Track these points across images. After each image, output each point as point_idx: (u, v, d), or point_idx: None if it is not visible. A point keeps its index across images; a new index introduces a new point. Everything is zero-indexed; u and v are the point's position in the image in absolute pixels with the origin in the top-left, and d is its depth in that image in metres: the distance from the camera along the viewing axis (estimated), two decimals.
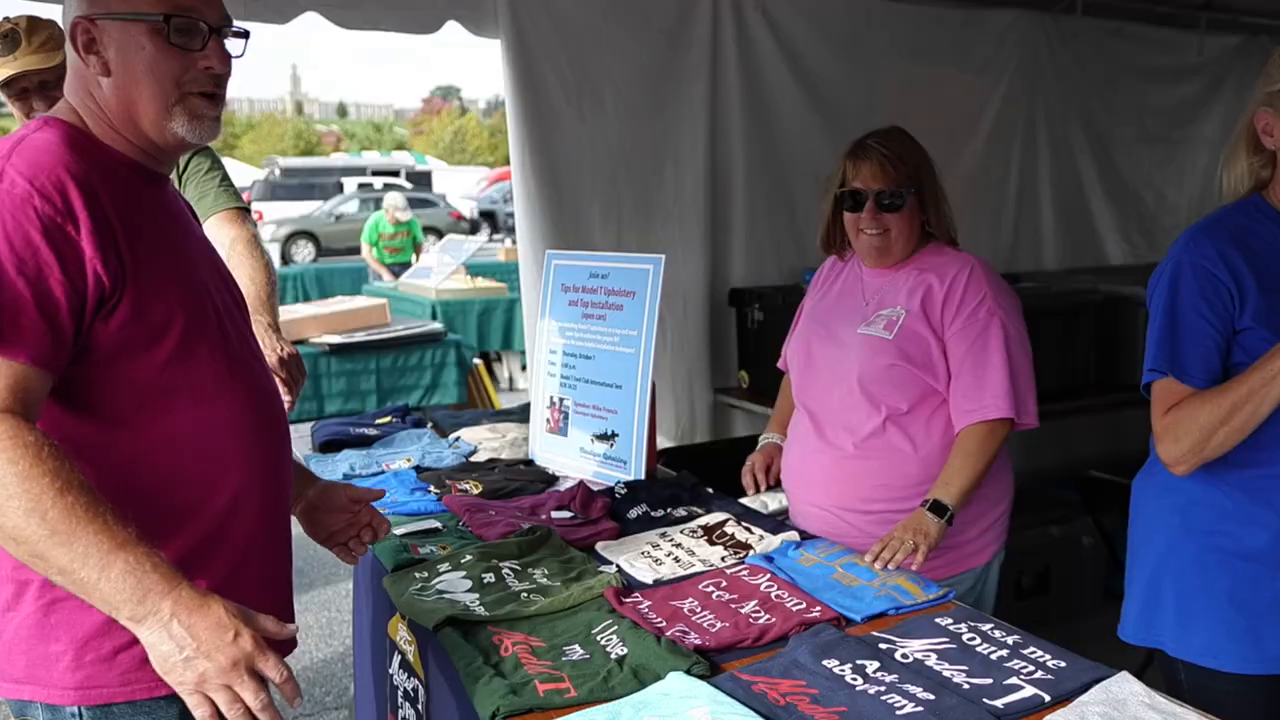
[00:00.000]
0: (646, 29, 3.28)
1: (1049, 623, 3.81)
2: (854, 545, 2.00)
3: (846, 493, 2.12)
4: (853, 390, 2.09)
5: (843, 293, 2.23)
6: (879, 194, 2.07)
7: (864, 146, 2.10)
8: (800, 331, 2.30)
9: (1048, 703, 1.33)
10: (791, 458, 2.26)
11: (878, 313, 2.12)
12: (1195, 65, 4.90)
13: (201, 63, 1.37)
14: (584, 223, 3.26)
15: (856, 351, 2.10)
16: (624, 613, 1.60)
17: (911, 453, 2.08)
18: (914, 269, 2.13)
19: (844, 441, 2.12)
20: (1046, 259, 4.67)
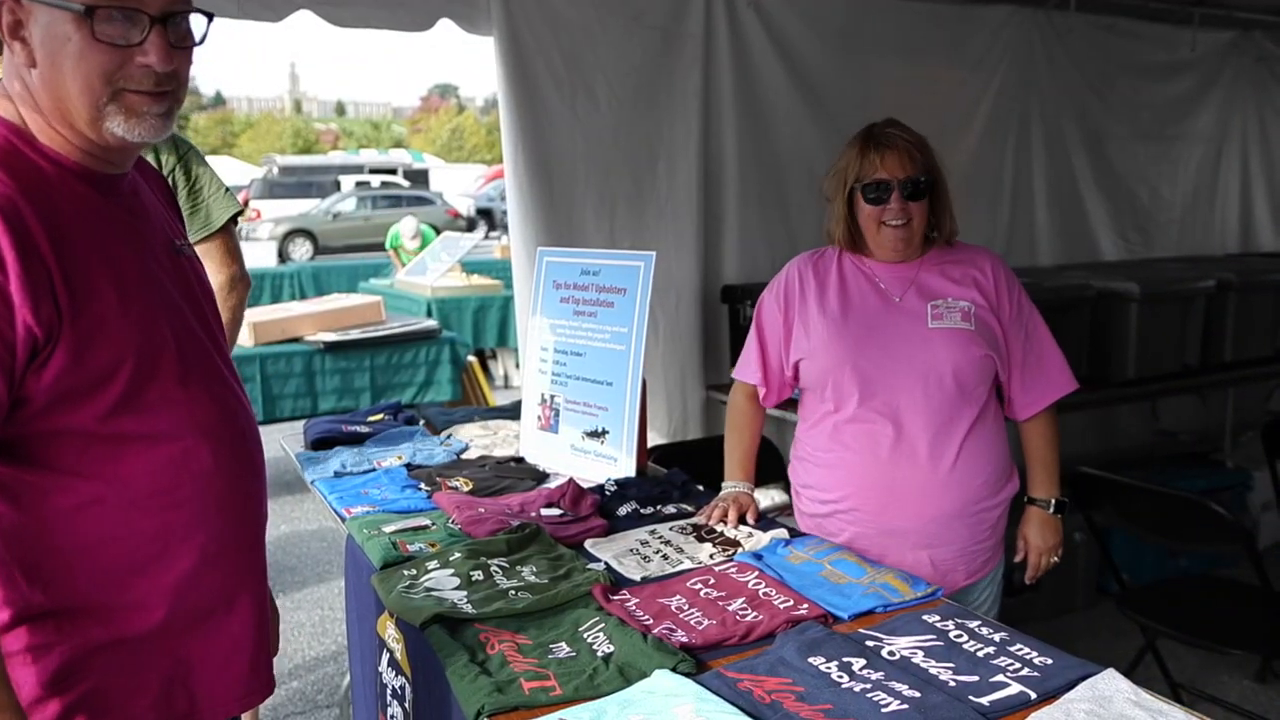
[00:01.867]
0: (639, 25, 3.27)
1: (1041, 619, 3.82)
2: (952, 553, 2.03)
3: (952, 498, 2.02)
4: (945, 387, 1.99)
5: (862, 292, 2.09)
6: (905, 182, 2.00)
7: (885, 135, 2.03)
8: (826, 340, 2.06)
9: (1034, 700, 1.33)
10: (861, 478, 2.04)
11: (936, 305, 2.04)
12: (1189, 61, 4.90)
13: (139, 59, 1.21)
14: (577, 219, 3.25)
15: (944, 348, 2.00)
16: (611, 610, 1.60)
17: (1000, 440, 2.10)
18: (935, 263, 2.09)
19: (943, 444, 1.99)
20: (1041, 255, 4.66)
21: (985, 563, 2.12)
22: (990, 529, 2.09)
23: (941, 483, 2.01)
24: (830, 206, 2.11)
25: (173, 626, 1.31)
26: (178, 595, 1.31)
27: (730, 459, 2.22)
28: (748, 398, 2.24)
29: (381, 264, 10.29)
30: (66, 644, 1.24)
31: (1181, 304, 3.89)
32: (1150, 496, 2.61)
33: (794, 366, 2.14)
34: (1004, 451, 2.10)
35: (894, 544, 2.02)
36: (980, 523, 2.06)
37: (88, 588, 1.25)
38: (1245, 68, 5.16)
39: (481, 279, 8.03)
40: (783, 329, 2.14)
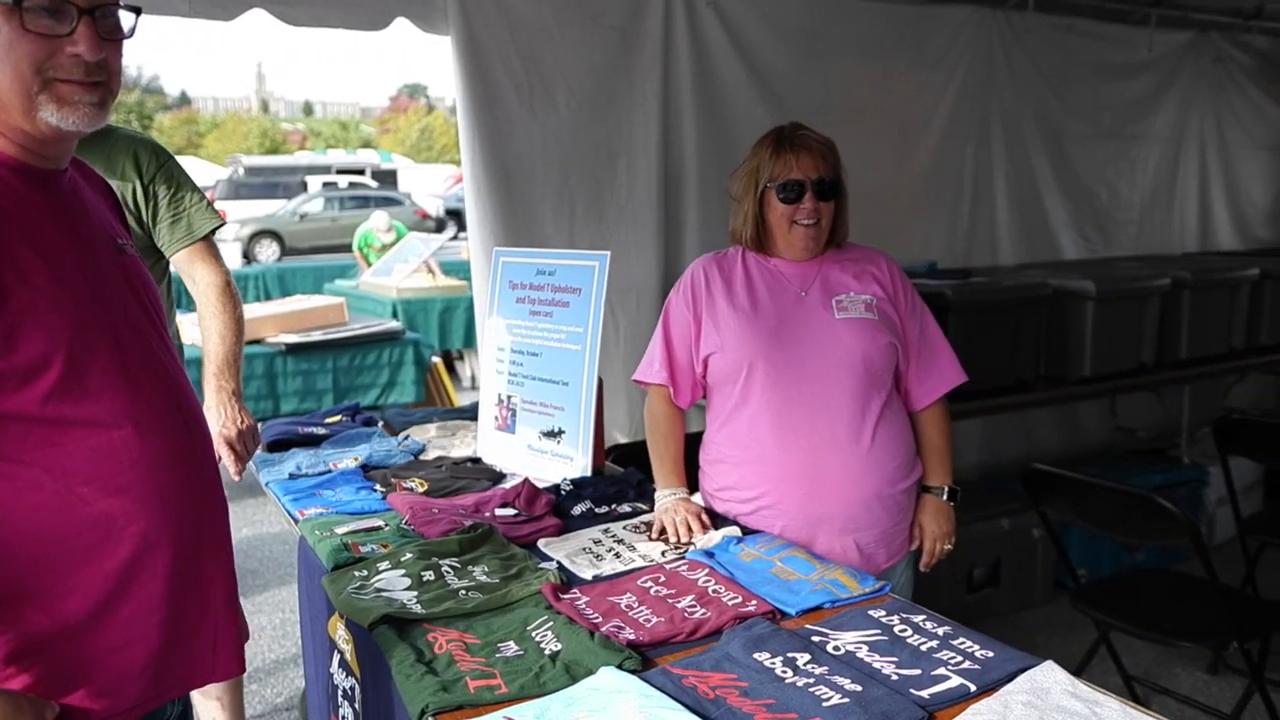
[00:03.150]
0: (597, 25, 3.27)
1: (1000, 614, 3.87)
2: (875, 536, 2.10)
3: (873, 480, 2.08)
4: (856, 374, 2.06)
5: (769, 287, 2.14)
6: (817, 183, 2.07)
7: (798, 137, 2.10)
8: (738, 333, 2.10)
9: (974, 692, 1.35)
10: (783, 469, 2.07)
11: (840, 299, 2.10)
12: (1147, 61, 4.95)
13: (69, 49, 1.24)
14: (536, 220, 3.25)
15: (852, 337, 2.06)
16: (560, 609, 1.60)
17: (906, 425, 2.19)
18: (835, 261, 2.16)
19: (859, 429, 2.06)
20: (1002, 254, 4.70)
21: (901, 545, 2.19)
22: (905, 511, 2.18)
23: (862, 465, 2.07)
24: (737, 206, 2.16)
25: (115, 613, 1.30)
26: (120, 582, 1.30)
27: (662, 466, 2.19)
28: (664, 401, 2.22)
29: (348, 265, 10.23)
30: (10, 633, 1.24)
31: (1137, 302, 3.94)
32: (1101, 492, 2.64)
33: (704, 363, 2.15)
34: (910, 436, 2.20)
35: (822, 531, 2.06)
36: (897, 505, 2.13)
37: (28, 575, 1.25)
38: (1202, 69, 5.23)
39: (448, 279, 8.00)
40: (692, 325, 2.16)
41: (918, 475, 2.20)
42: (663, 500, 2.12)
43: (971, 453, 4.61)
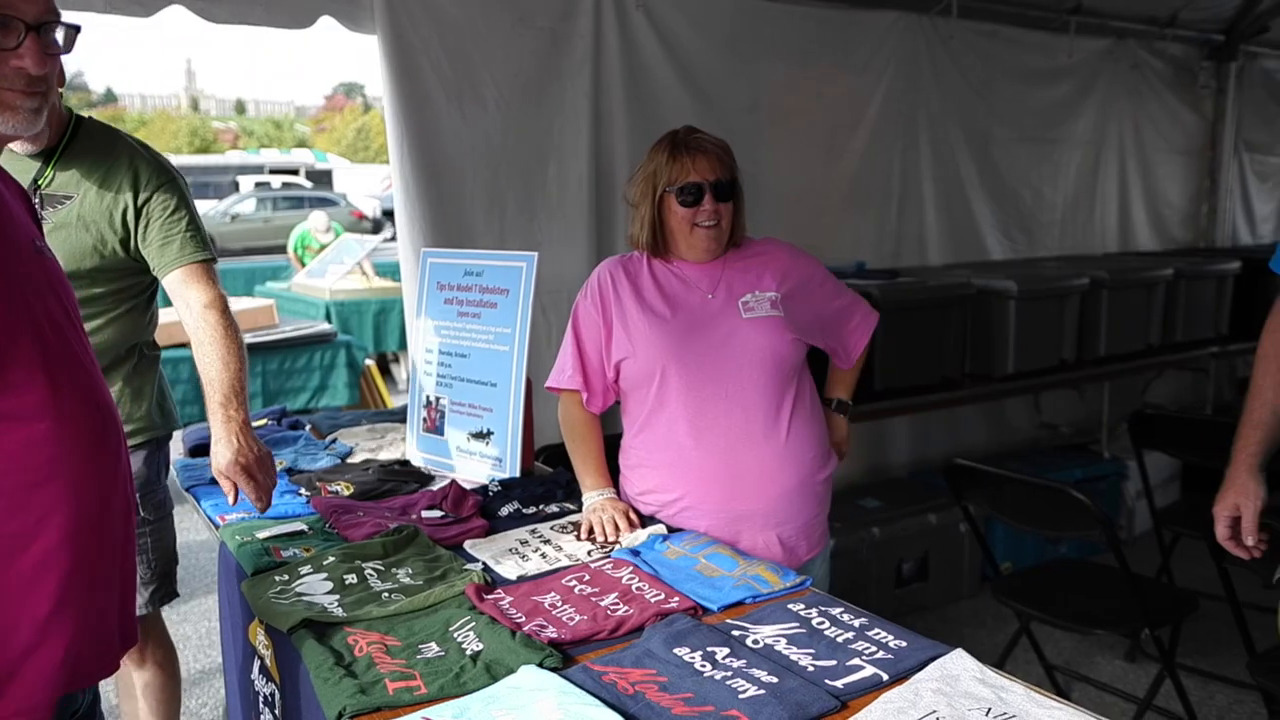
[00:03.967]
0: (526, 26, 3.26)
1: (929, 607, 3.95)
2: (796, 528, 2.14)
3: (791, 473, 2.12)
4: (767, 371, 2.10)
5: (676, 291, 2.15)
6: (715, 184, 2.09)
7: (694, 140, 2.12)
8: (649, 337, 2.11)
9: (886, 681, 1.38)
10: (702, 469, 2.09)
11: (746, 300, 2.13)
12: (1067, 67, 5.09)
13: (14, 62, 1.32)
14: (466, 220, 3.23)
15: (761, 336, 2.10)
16: (483, 609, 1.60)
17: (819, 415, 2.23)
18: (737, 260, 2.18)
19: (775, 424, 2.10)
20: (931, 254, 4.79)
21: (821, 536, 2.23)
22: (824, 501, 2.23)
23: (780, 460, 2.10)
24: (635, 212, 2.17)
25: (34, 605, 1.30)
26: (40, 572, 1.31)
27: (584, 469, 2.18)
28: (578, 406, 2.21)
29: (280, 267, 10.06)
30: None
31: (1057, 301, 4.05)
32: (1018, 486, 2.71)
33: (615, 368, 2.15)
34: (824, 427, 2.25)
35: (745, 528, 2.10)
36: (816, 496, 2.18)
37: None
38: (1120, 74, 5.39)
39: (384, 281, 7.92)
40: (603, 330, 2.16)
41: (834, 465, 2.26)
42: (590, 501, 2.13)
43: (901, 450, 4.70)
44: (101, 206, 2.13)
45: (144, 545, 2.29)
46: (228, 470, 1.95)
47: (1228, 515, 2.02)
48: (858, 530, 3.75)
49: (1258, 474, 2.00)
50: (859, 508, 3.94)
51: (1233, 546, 2.03)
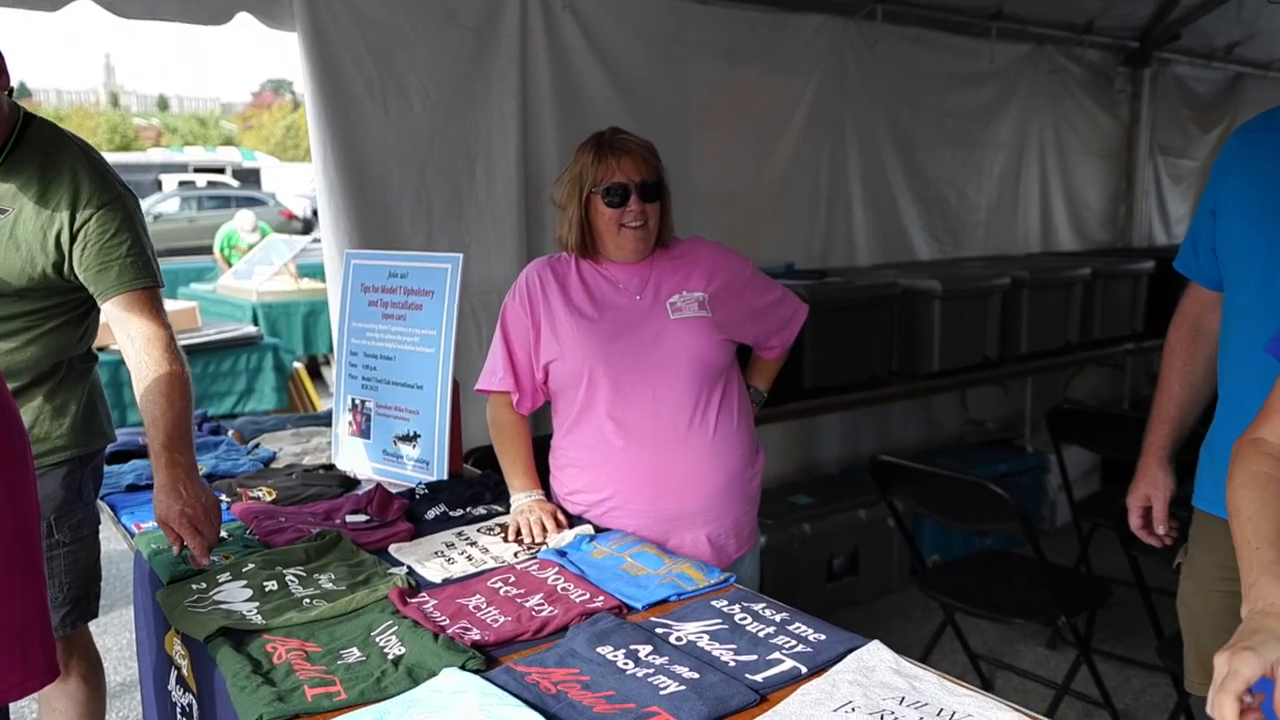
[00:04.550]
0: (452, 24, 3.24)
1: (859, 601, 4.01)
2: (726, 526, 2.15)
3: (720, 472, 2.14)
4: (695, 371, 2.11)
5: (604, 292, 2.16)
6: (641, 185, 2.09)
7: (619, 140, 2.12)
8: (577, 339, 2.11)
9: (804, 673, 1.40)
10: (631, 470, 2.10)
11: (673, 300, 2.15)
12: (989, 72, 5.21)
13: None
14: (392, 221, 3.20)
15: (689, 336, 2.11)
16: (406, 613, 1.59)
17: (747, 413, 2.25)
18: (665, 260, 2.19)
19: (702, 424, 2.11)
20: (860, 255, 4.86)
21: (751, 534, 2.25)
22: (753, 499, 2.24)
23: (708, 459, 2.12)
24: (562, 214, 2.17)
25: None
26: None
27: (512, 471, 2.17)
28: (507, 408, 2.21)
29: (205, 268, 9.85)
30: None
31: (980, 300, 4.15)
32: (940, 481, 2.77)
33: (544, 370, 2.15)
34: (752, 424, 2.27)
35: (673, 527, 2.11)
36: (745, 494, 2.20)
37: None
38: (1040, 79, 5.53)
39: (313, 282, 7.79)
40: (531, 331, 2.15)
41: (762, 462, 2.28)
42: (518, 502, 2.13)
43: (832, 447, 4.76)
44: (36, 225, 1.96)
45: (55, 569, 2.13)
46: (173, 522, 1.80)
47: (1140, 506, 2.09)
48: (789, 527, 3.80)
49: (1167, 465, 2.08)
50: (790, 504, 3.99)
51: (1145, 535, 2.11)
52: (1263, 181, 1.85)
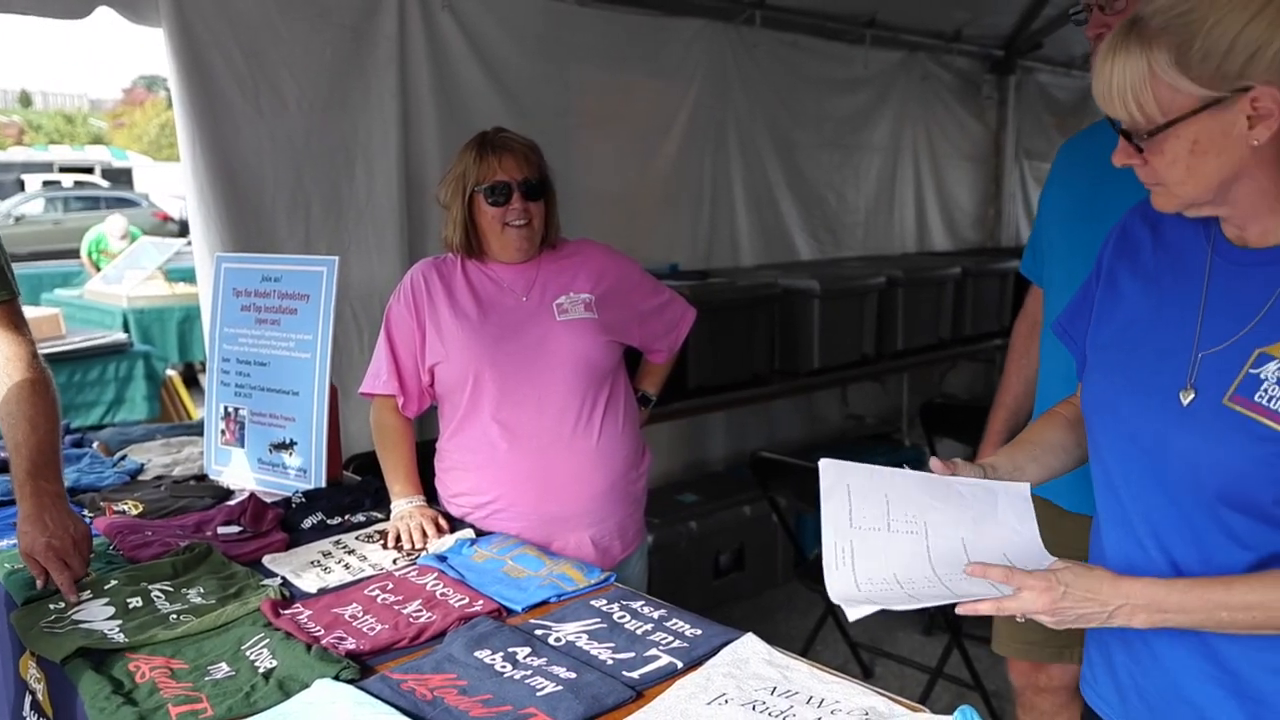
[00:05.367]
0: (327, 23, 3.17)
1: (746, 596, 4.08)
2: (610, 528, 2.16)
3: (604, 475, 2.14)
4: (580, 374, 2.11)
5: (490, 294, 2.15)
6: (523, 183, 2.10)
7: (501, 139, 2.13)
8: (462, 341, 2.10)
9: (681, 668, 1.43)
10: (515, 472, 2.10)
11: (560, 302, 2.15)
12: (864, 77, 5.37)
13: None
14: (266, 224, 3.11)
15: (575, 338, 2.11)
16: (279, 625, 1.56)
17: (634, 416, 2.26)
18: (551, 261, 2.20)
19: (587, 427, 2.12)
20: (743, 256, 4.95)
21: (636, 534, 2.27)
22: (638, 501, 2.26)
23: (592, 462, 2.13)
24: (447, 214, 2.16)
25: None
26: None
27: (393, 477, 2.15)
28: (391, 412, 2.19)
29: (72, 273, 9.38)
30: None
31: (857, 299, 4.27)
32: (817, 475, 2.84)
33: (430, 372, 2.14)
34: (638, 427, 2.29)
35: (558, 530, 2.11)
36: (629, 496, 2.21)
37: None
38: (913, 85, 5.72)
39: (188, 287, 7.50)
40: (416, 334, 2.14)
41: (648, 463, 2.30)
42: (399, 508, 2.10)
43: (718, 445, 4.84)
44: None
45: None
46: (39, 555, 1.69)
47: None
48: (675, 525, 3.84)
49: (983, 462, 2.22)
50: (677, 503, 4.04)
51: None
52: (1072, 189, 2.02)
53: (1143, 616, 1.18)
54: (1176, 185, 1.19)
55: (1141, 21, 1.13)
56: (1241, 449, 1.16)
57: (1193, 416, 1.20)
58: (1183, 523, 1.23)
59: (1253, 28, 1.08)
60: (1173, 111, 1.13)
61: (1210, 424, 1.19)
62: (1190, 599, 1.17)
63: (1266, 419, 1.14)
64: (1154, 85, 1.12)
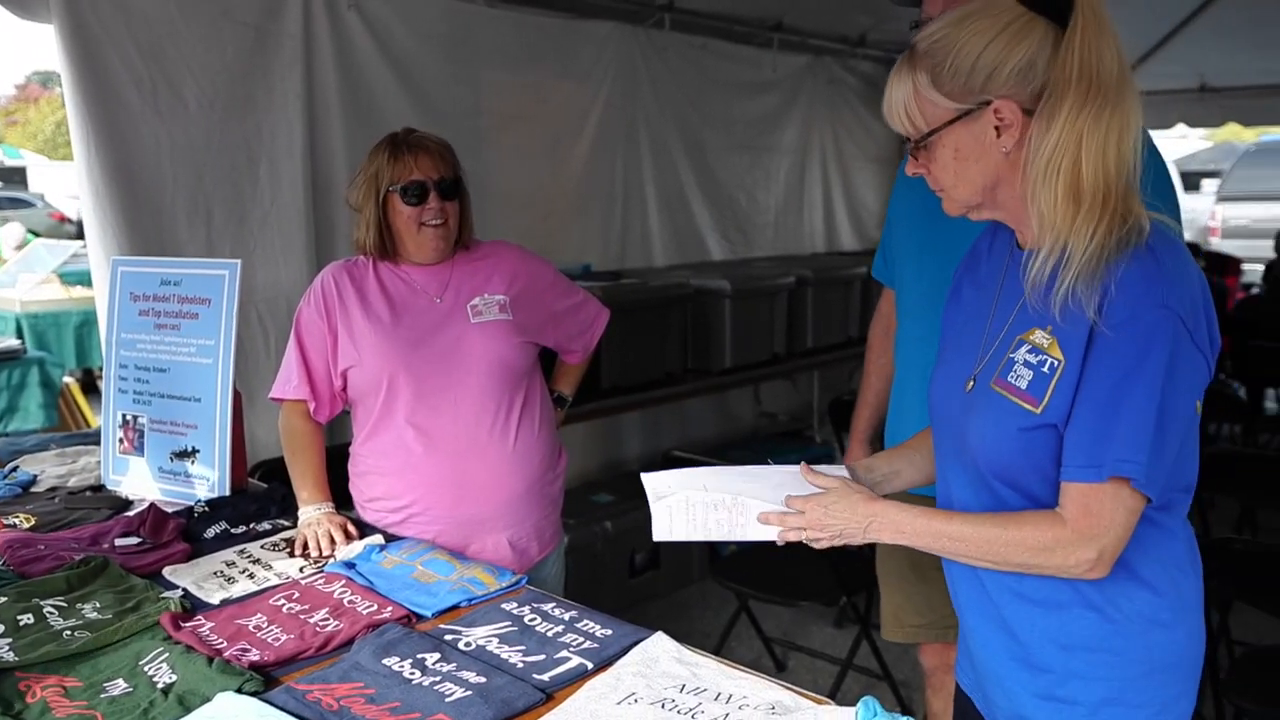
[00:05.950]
0: (228, 21, 3.09)
1: (662, 595, 4.12)
2: (527, 530, 2.17)
3: (521, 477, 2.14)
4: (495, 376, 2.11)
5: (403, 296, 2.14)
6: (440, 182, 2.09)
7: (415, 139, 2.12)
8: (376, 345, 2.08)
9: (591, 669, 1.44)
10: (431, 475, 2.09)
11: (474, 303, 2.14)
12: (772, 81, 5.45)
13: None
14: (166, 226, 3.02)
15: (490, 340, 2.11)
16: (179, 638, 1.52)
17: (549, 416, 2.27)
18: (465, 263, 2.19)
19: (504, 429, 2.11)
20: (656, 256, 4.99)
21: (553, 535, 2.28)
22: (555, 502, 2.27)
23: (509, 464, 2.13)
24: (359, 216, 2.14)
25: None
26: None
27: (304, 482, 2.11)
28: (302, 416, 2.15)
29: None
30: None
31: (767, 299, 4.34)
32: None
33: (342, 376, 2.12)
34: (554, 428, 2.31)
35: (475, 532, 2.11)
36: (546, 497, 2.23)
37: None
38: (820, 89, 5.84)
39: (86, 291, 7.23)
40: (328, 337, 2.12)
41: (564, 464, 2.31)
42: (306, 515, 2.07)
43: (633, 444, 4.86)
44: None
45: None
46: None
47: None
48: (591, 525, 3.85)
49: (867, 445, 2.35)
50: (593, 503, 4.05)
51: None
52: (917, 189, 2.09)
53: (888, 533, 1.40)
54: (951, 189, 1.35)
55: (913, 49, 1.31)
56: (1000, 426, 1.33)
57: (972, 400, 1.38)
58: (970, 492, 1.41)
59: (990, 50, 1.24)
60: (934, 122, 1.30)
61: (982, 407, 1.36)
62: (919, 525, 1.38)
63: (1014, 396, 1.31)
64: (918, 100, 1.30)
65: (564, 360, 2.45)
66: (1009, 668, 1.41)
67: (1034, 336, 1.30)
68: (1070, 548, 1.26)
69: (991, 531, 1.32)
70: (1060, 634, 1.35)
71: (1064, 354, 1.27)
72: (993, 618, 1.42)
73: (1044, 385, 1.27)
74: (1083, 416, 1.24)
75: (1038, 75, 1.23)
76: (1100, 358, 1.23)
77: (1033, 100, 1.24)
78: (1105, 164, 1.21)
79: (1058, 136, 1.21)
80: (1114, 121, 1.21)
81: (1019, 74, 1.24)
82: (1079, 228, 1.22)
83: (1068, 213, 1.23)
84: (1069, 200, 1.22)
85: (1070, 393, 1.25)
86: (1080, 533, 1.25)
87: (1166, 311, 1.21)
